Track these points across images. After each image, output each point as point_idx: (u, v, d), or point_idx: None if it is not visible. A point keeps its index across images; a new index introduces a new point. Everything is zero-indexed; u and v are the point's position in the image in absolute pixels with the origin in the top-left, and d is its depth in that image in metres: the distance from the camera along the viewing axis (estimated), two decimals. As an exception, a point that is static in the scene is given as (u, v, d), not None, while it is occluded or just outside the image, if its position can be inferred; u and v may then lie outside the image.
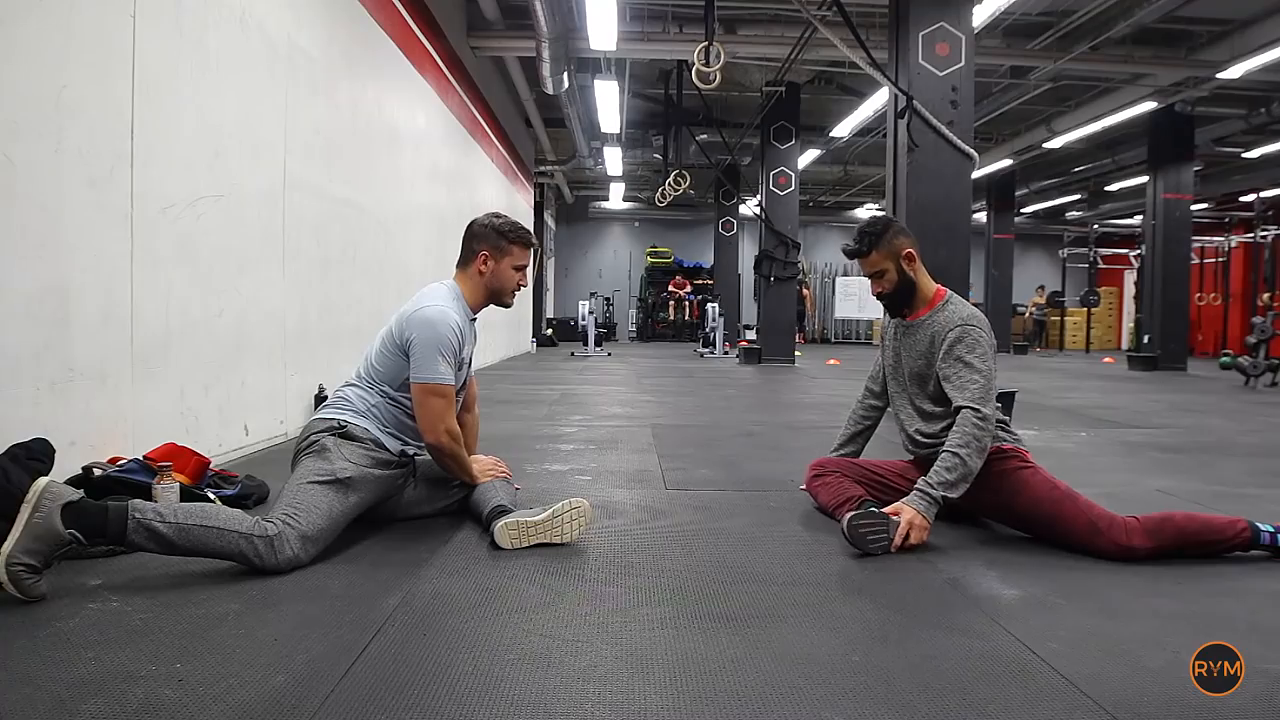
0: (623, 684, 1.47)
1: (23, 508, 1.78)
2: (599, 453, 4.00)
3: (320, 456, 2.27)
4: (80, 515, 1.83)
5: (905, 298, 2.63)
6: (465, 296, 2.56)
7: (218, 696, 1.38)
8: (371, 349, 2.52)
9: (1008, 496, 2.42)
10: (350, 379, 2.54)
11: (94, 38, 2.66)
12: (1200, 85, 9.73)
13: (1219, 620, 1.82)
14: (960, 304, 2.59)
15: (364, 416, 2.41)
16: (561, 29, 7.77)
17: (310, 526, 2.07)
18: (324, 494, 2.17)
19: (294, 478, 2.23)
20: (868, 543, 2.26)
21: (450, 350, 2.39)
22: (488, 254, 2.55)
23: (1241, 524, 2.27)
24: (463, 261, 2.59)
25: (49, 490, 1.82)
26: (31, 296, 2.42)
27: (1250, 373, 8.83)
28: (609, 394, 7.16)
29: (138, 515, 1.89)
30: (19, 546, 1.75)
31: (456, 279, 2.60)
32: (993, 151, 13.77)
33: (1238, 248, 16.35)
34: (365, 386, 2.47)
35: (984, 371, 2.42)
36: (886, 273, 2.61)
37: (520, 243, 2.58)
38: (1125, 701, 1.42)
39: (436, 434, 2.38)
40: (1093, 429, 5.21)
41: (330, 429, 2.35)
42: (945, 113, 5.31)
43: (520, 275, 2.62)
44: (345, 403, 2.46)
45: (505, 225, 2.57)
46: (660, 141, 12.99)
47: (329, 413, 2.44)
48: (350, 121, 5.04)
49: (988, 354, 2.46)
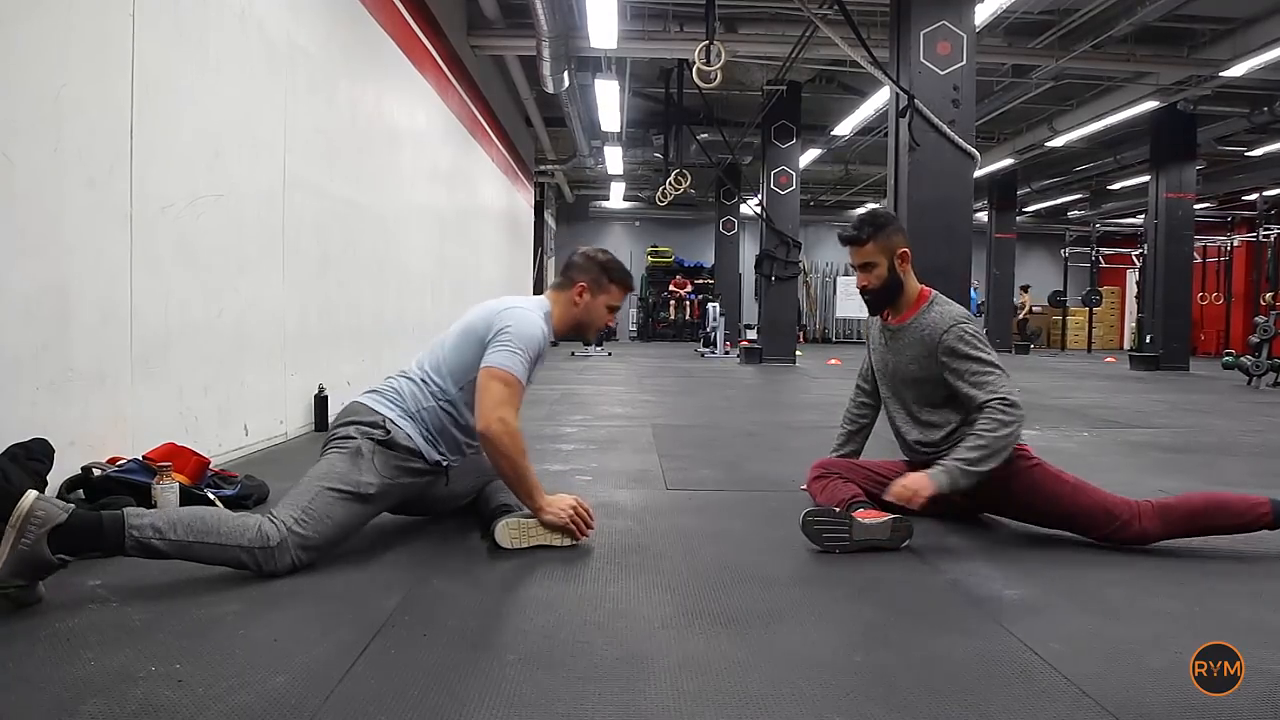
0: (623, 684, 1.47)
1: (8, 531, 1.68)
2: (599, 453, 3.99)
3: (350, 460, 2.17)
4: (70, 535, 1.74)
5: (889, 297, 2.59)
6: (555, 317, 2.49)
7: (218, 697, 1.38)
8: (444, 341, 2.40)
9: (1021, 495, 2.44)
10: (407, 370, 2.42)
11: (94, 37, 2.65)
12: (1202, 84, 9.70)
13: (1219, 620, 1.82)
14: (946, 304, 2.58)
15: (411, 419, 2.29)
16: (562, 28, 7.76)
17: (317, 536, 2.04)
18: (340, 506, 2.10)
19: (316, 472, 2.14)
20: (822, 539, 2.28)
21: (533, 352, 2.29)
22: (586, 286, 2.48)
23: (1263, 506, 2.27)
24: (560, 285, 2.53)
25: (34, 514, 1.70)
26: (31, 296, 2.42)
27: (1253, 372, 8.81)
28: (609, 394, 7.16)
29: (135, 534, 1.83)
30: (6, 570, 1.68)
31: (550, 297, 2.52)
32: (994, 150, 13.74)
33: (1240, 247, 16.32)
34: (422, 384, 2.34)
35: (994, 363, 2.43)
36: (877, 267, 2.56)
37: (621, 284, 2.54)
38: (1127, 702, 1.41)
39: (488, 419, 2.17)
40: (1095, 429, 5.20)
41: (372, 427, 2.24)
42: (947, 112, 5.30)
43: (611, 315, 2.57)
44: (397, 397, 2.33)
45: (611, 263, 2.53)
46: (661, 140, 12.97)
47: (377, 403, 2.31)
48: (350, 121, 5.04)
49: (989, 348, 2.46)
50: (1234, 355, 9.72)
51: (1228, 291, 16.20)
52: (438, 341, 2.43)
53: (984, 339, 2.48)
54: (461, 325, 2.39)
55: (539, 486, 2.28)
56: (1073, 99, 11.38)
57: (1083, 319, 18.61)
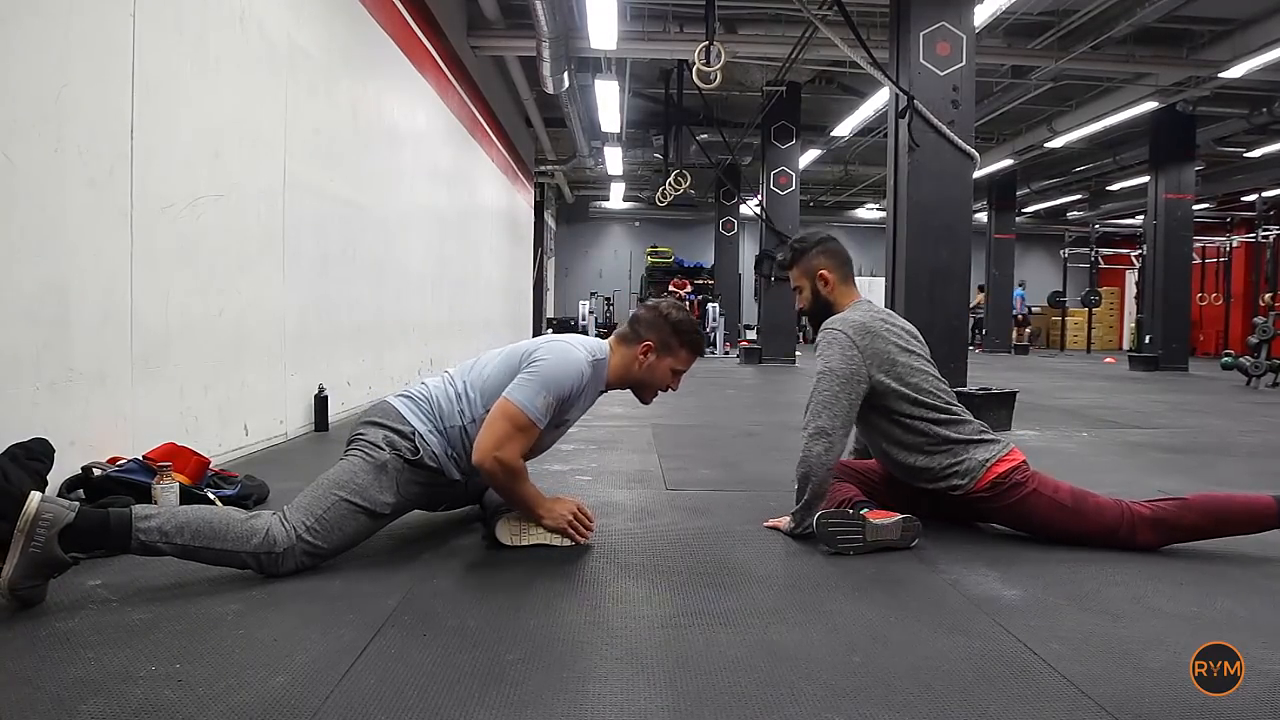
0: (623, 684, 1.47)
1: (16, 535, 1.68)
2: (599, 453, 4.00)
3: (374, 474, 2.11)
4: (78, 536, 1.75)
5: (817, 317, 2.62)
6: (611, 367, 2.38)
7: (217, 697, 1.38)
8: (492, 358, 2.31)
9: (1019, 524, 2.45)
10: (451, 377, 2.32)
11: (94, 37, 2.65)
12: (1202, 85, 9.71)
13: (1219, 620, 1.82)
14: (847, 311, 2.50)
15: (441, 435, 2.22)
16: (562, 28, 7.76)
17: (326, 545, 2.03)
18: (354, 520, 2.07)
19: (336, 477, 2.09)
20: (837, 541, 2.28)
21: (559, 395, 2.18)
22: (653, 345, 2.36)
23: (1267, 509, 2.25)
24: (625, 337, 2.40)
25: (42, 516, 1.71)
26: (31, 296, 2.41)
27: (1252, 373, 8.81)
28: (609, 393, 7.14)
29: (142, 536, 1.83)
30: (19, 574, 1.69)
31: (613, 345, 2.41)
32: (994, 151, 13.76)
33: (1239, 247, 16.31)
34: (456, 399, 2.25)
35: (824, 372, 2.36)
36: (803, 290, 2.64)
37: (691, 348, 2.40)
38: (1126, 702, 1.41)
39: (485, 454, 2.11)
40: (1094, 429, 5.20)
41: (401, 437, 2.17)
42: (946, 112, 5.30)
43: (675, 380, 2.43)
44: (429, 409, 2.24)
45: (685, 325, 2.38)
46: (660, 141, 12.98)
47: (410, 411, 2.22)
48: (350, 121, 5.04)
49: (834, 354, 2.37)
50: (1233, 356, 9.72)
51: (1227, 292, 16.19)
52: (488, 357, 2.34)
53: (837, 345, 2.38)
54: (511, 347, 2.32)
55: (538, 500, 2.26)
56: (1072, 100, 11.39)
57: (1082, 319, 18.61)
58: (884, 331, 2.43)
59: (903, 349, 2.44)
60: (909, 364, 2.42)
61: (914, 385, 2.40)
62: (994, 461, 2.36)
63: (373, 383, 5.48)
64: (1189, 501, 2.33)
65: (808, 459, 2.31)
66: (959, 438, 2.39)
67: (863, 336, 2.39)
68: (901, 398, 2.39)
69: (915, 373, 2.42)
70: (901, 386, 2.39)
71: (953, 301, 5.35)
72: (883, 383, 2.38)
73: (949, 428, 2.40)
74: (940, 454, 2.39)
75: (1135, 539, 2.29)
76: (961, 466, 2.37)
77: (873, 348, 2.39)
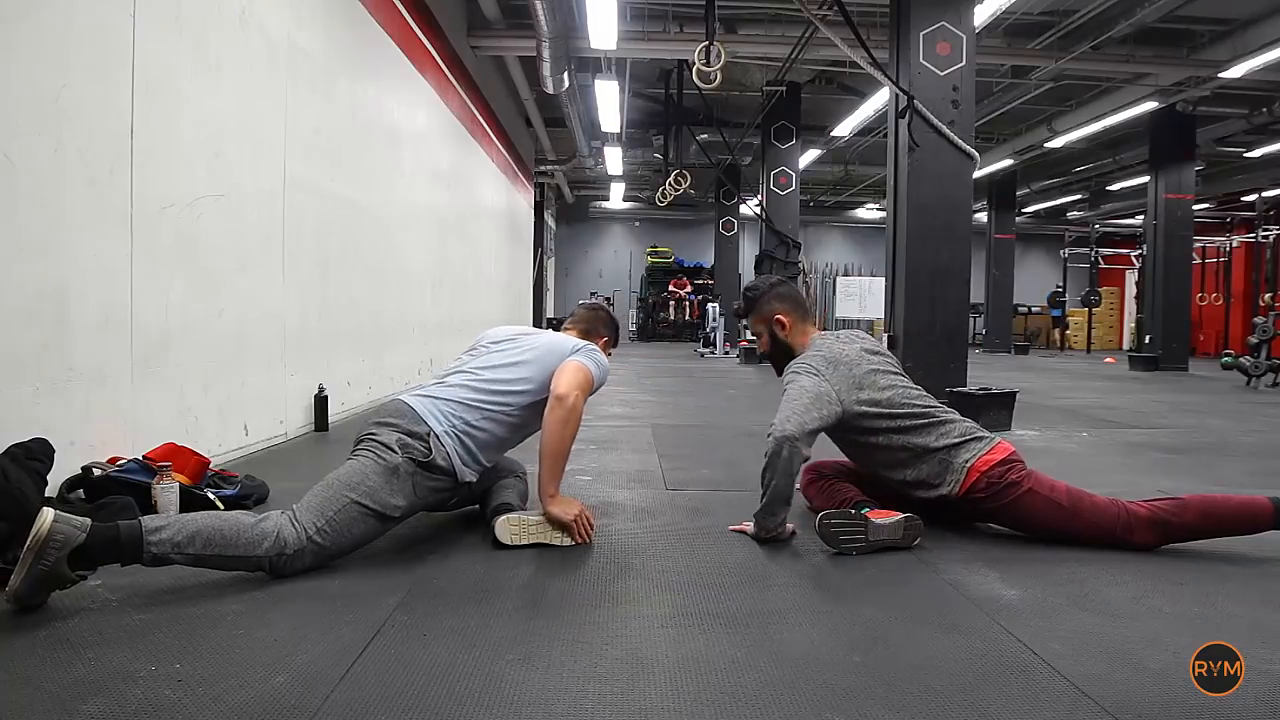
0: (623, 684, 1.47)
1: (26, 553, 1.67)
2: (599, 453, 4.00)
3: (385, 477, 2.12)
4: (87, 555, 1.74)
5: (778, 360, 2.67)
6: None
7: (217, 696, 1.38)
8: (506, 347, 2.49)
9: (1016, 525, 2.46)
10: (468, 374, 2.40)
11: (94, 37, 2.65)
12: (1202, 85, 9.71)
13: (1219, 620, 1.82)
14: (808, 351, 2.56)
15: (455, 437, 2.25)
16: (562, 28, 7.76)
17: (335, 548, 2.05)
18: (363, 523, 2.08)
19: (347, 478, 2.09)
20: (840, 541, 2.28)
21: (600, 378, 2.45)
22: (609, 341, 2.76)
23: (1263, 510, 2.25)
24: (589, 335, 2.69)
25: (54, 537, 1.69)
26: (31, 296, 2.42)
27: (1252, 373, 8.81)
28: (609, 393, 7.14)
29: (154, 549, 1.81)
30: (25, 589, 1.68)
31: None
32: (994, 151, 13.75)
33: (1239, 247, 16.31)
34: (474, 401, 2.31)
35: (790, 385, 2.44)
36: (762, 336, 2.73)
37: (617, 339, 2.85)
38: (1126, 702, 1.41)
39: (571, 389, 2.30)
40: (1094, 429, 5.20)
41: (414, 439, 2.19)
42: (946, 112, 5.30)
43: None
44: (450, 410, 2.28)
45: (616, 321, 2.88)
46: (661, 141, 12.98)
47: (427, 411, 2.25)
48: (350, 121, 5.04)
49: (801, 377, 2.44)
50: (1233, 356, 9.71)
51: (1227, 292, 16.19)
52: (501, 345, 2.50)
53: (801, 372, 2.45)
54: (544, 342, 2.50)
55: (562, 476, 2.36)
56: (1072, 100, 11.39)
57: (1082, 319, 18.61)
58: (845, 359, 2.49)
59: (870, 370, 2.49)
60: (875, 381, 2.47)
61: (887, 401, 2.45)
62: (975, 460, 2.38)
63: (373, 383, 5.48)
64: (1186, 502, 2.33)
65: (773, 463, 2.31)
66: (938, 445, 2.41)
67: (829, 367, 2.46)
68: (879, 416, 2.43)
69: (884, 389, 2.47)
70: (875, 407, 2.43)
71: (953, 301, 5.35)
72: (856, 408, 2.42)
73: (927, 434, 2.42)
74: (924, 464, 2.43)
75: (1132, 539, 2.29)
76: (946, 472, 2.41)
77: (839, 375, 2.45)
